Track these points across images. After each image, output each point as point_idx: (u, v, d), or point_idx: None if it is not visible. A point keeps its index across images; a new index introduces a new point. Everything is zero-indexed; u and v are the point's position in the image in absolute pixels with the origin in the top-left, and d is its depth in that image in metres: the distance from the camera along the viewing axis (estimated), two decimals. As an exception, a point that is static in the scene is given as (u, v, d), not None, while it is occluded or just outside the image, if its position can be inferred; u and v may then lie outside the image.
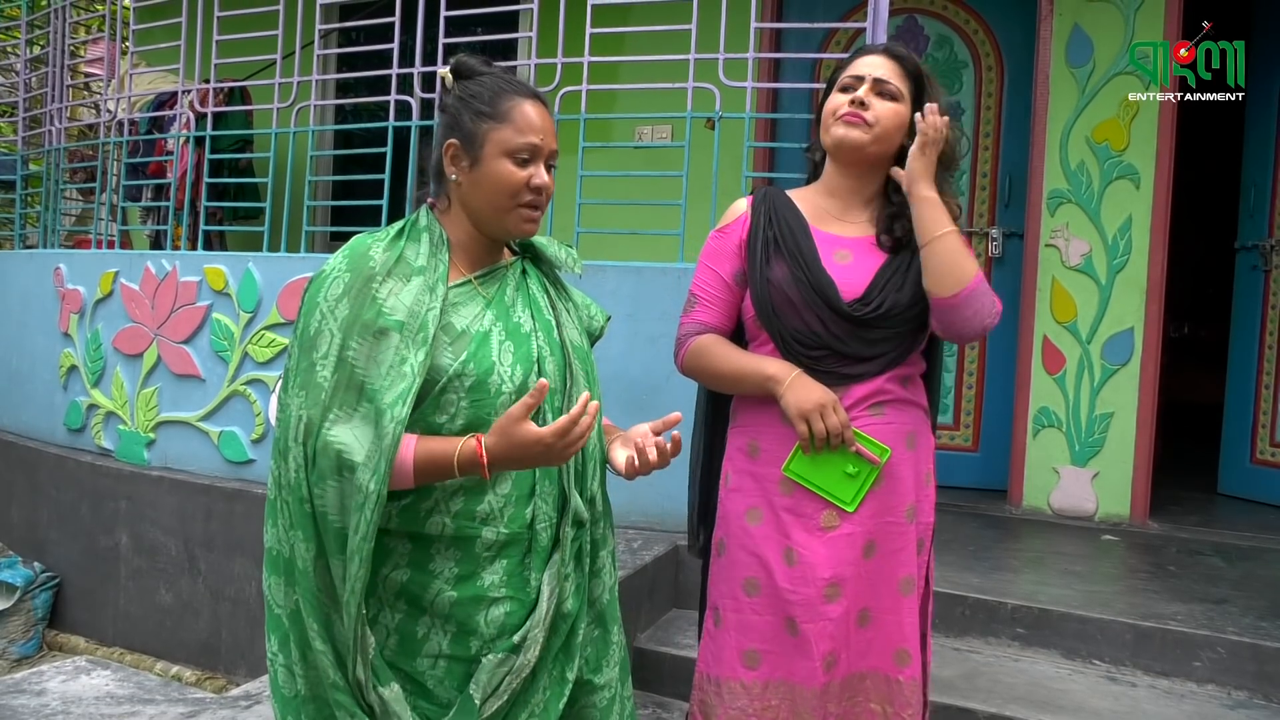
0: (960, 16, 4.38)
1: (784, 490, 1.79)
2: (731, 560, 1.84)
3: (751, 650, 1.79)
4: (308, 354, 1.36)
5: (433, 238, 1.46)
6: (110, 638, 3.81)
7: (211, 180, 4.18)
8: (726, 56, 3.21)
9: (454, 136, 1.47)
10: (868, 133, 1.78)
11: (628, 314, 3.08)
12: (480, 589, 1.42)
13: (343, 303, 1.37)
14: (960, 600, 2.83)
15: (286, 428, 1.36)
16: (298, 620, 1.38)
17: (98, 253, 4.21)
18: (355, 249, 1.43)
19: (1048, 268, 3.97)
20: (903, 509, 1.82)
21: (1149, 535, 3.74)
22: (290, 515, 1.35)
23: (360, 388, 1.33)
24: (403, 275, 1.40)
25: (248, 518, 3.42)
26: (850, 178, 1.85)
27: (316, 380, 1.34)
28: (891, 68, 1.81)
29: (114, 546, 3.79)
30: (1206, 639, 2.58)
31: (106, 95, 4.60)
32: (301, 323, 1.40)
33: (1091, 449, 3.91)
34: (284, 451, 1.36)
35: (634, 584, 2.68)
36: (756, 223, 1.85)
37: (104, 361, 3.95)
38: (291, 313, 3.46)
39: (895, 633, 1.82)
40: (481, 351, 1.42)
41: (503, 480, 1.44)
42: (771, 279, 1.79)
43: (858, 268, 1.79)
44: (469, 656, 1.41)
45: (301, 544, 1.34)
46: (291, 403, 1.36)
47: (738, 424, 1.90)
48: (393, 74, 3.58)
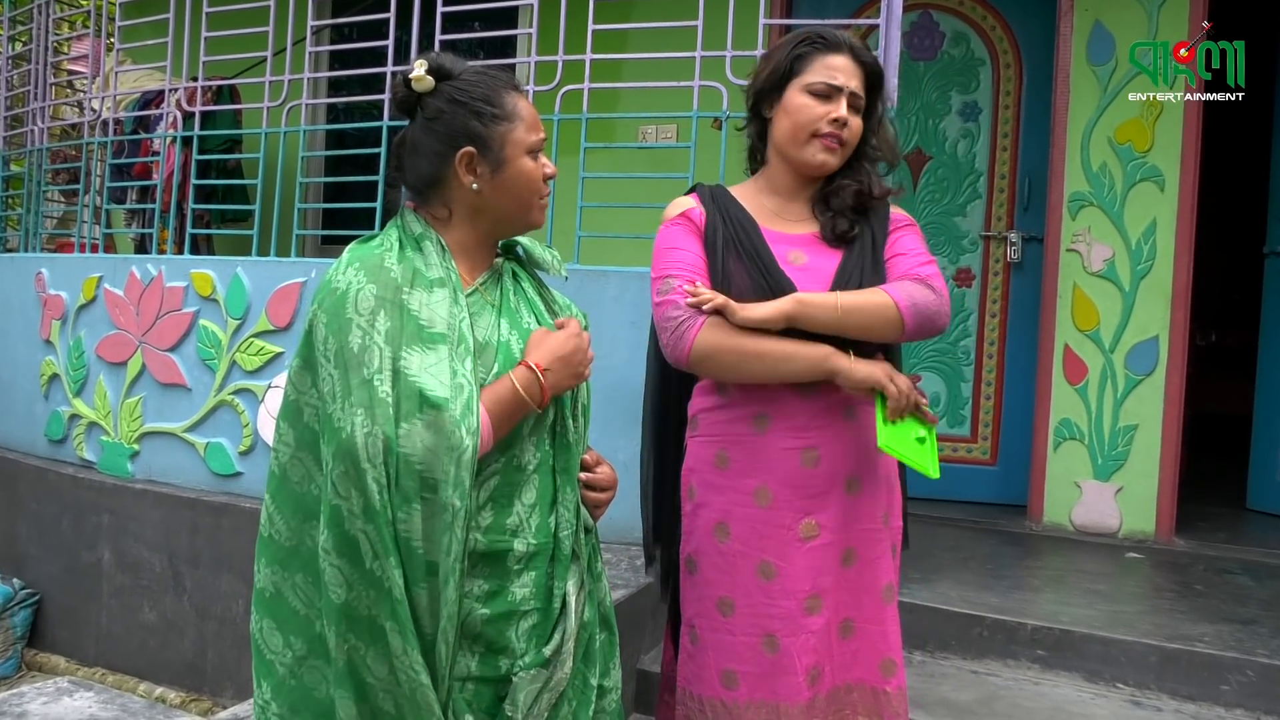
0: (977, 12, 4.40)
1: (759, 501, 1.80)
2: (704, 579, 1.84)
3: (730, 671, 1.80)
4: (357, 371, 1.33)
5: (433, 244, 1.47)
6: (92, 657, 3.81)
7: (199, 182, 4.19)
8: (734, 54, 3.22)
9: (465, 144, 1.46)
10: (841, 155, 1.83)
11: (631, 322, 3.09)
12: (512, 603, 1.43)
13: (379, 316, 1.35)
14: (978, 620, 2.83)
15: (353, 449, 1.30)
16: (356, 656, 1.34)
17: (81, 257, 4.23)
18: (367, 260, 1.41)
19: (1069, 273, 3.98)
20: (878, 514, 1.84)
21: (1175, 553, 3.74)
22: (373, 544, 1.31)
23: (422, 396, 1.32)
24: (424, 286, 1.40)
25: (235, 533, 3.42)
26: (801, 183, 1.88)
27: (379, 396, 1.31)
28: (860, 76, 1.83)
29: (96, 562, 3.79)
30: (1235, 661, 2.58)
31: (91, 93, 4.62)
32: (334, 342, 1.35)
33: (1115, 462, 3.90)
34: (358, 476, 1.30)
35: (636, 603, 2.67)
36: (712, 220, 1.84)
37: (86, 370, 3.97)
38: (281, 319, 3.47)
39: (880, 642, 1.84)
40: (509, 363, 1.45)
41: (527, 489, 1.46)
42: (731, 281, 1.78)
43: (814, 269, 1.80)
44: (498, 676, 1.43)
45: (395, 570, 1.30)
46: (349, 423, 1.31)
47: (701, 432, 1.88)
48: (387, 72, 3.60)
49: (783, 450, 1.79)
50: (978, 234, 4.39)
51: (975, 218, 4.40)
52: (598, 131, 3.79)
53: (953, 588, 3.07)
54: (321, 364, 1.37)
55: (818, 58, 1.82)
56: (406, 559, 1.31)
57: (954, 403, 4.41)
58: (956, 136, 4.42)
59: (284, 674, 1.43)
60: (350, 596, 1.32)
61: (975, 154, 4.41)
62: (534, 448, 1.48)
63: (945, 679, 2.70)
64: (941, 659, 2.82)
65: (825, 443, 1.79)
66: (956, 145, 4.42)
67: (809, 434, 1.79)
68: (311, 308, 1.42)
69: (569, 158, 3.35)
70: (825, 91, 1.80)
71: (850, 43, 1.85)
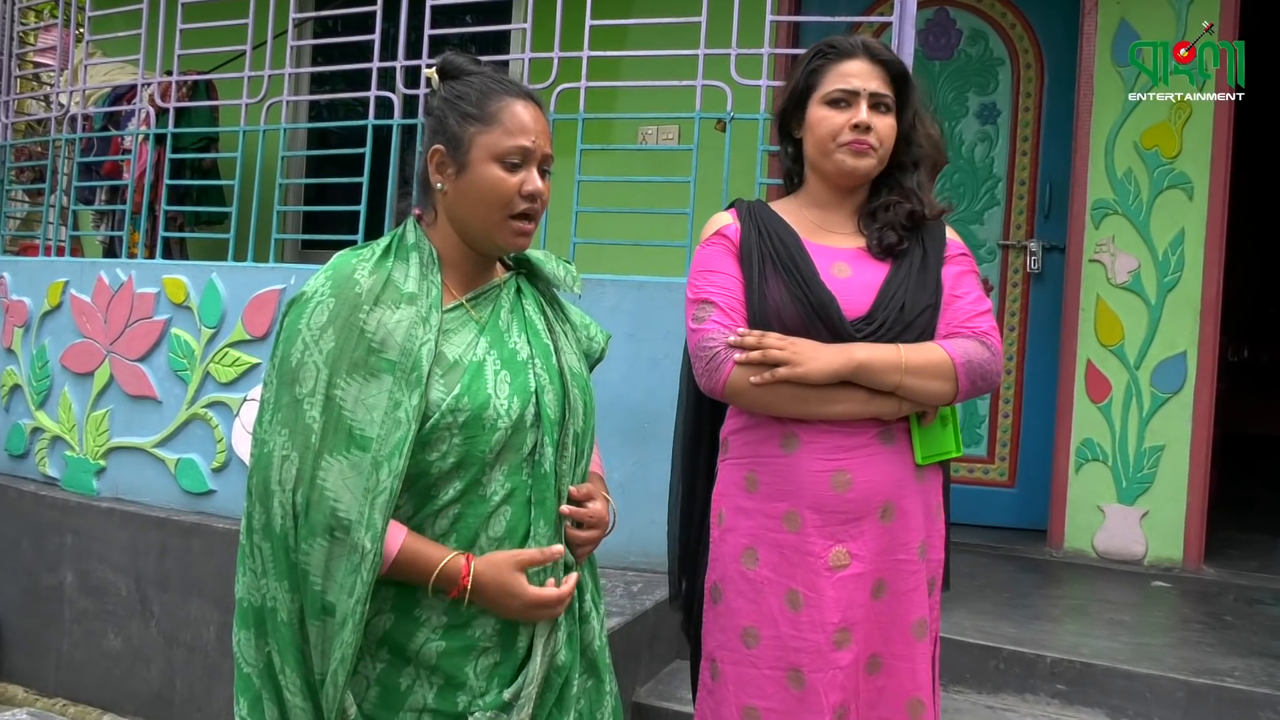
0: (996, 9, 4.42)
1: (789, 526, 1.80)
2: (729, 608, 1.84)
3: (751, 708, 1.79)
4: (289, 388, 1.37)
5: (422, 257, 1.47)
6: (52, 687, 3.79)
7: (172, 182, 4.19)
8: (740, 52, 3.24)
9: (439, 142, 1.48)
10: (875, 157, 1.84)
11: (629, 333, 3.09)
12: (470, 639, 1.43)
13: (327, 333, 1.37)
14: (994, 652, 2.82)
15: (267, 468, 1.36)
16: (270, 676, 1.39)
17: (46, 260, 4.23)
18: (339, 271, 1.43)
19: (1092, 285, 3.99)
20: (914, 545, 1.84)
21: (1204, 581, 3.74)
22: (265, 562, 1.36)
23: (350, 433, 1.34)
24: (391, 302, 1.41)
25: (206, 555, 3.41)
26: (842, 194, 1.91)
27: (304, 421, 1.35)
28: (880, 75, 1.85)
29: (58, 585, 3.78)
30: (1267, 698, 2.57)
31: (58, 87, 4.63)
32: (280, 350, 1.40)
33: (1140, 485, 3.91)
34: (264, 495, 1.36)
35: (633, 632, 2.67)
36: (748, 235, 1.86)
37: (51, 381, 3.96)
38: (258, 328, 3.48)
39: (908, 680, 1.83)
40: (475, 385, 1.43)
41: (494, 521, 1.45)
42: (768, 296, 1.80)
43: (859, 283, 1.82)
44: (456, 713, 1.42)
45: (285, 594, 1.35)
46: (272, 441, 1.36)
47: (731, 456, 1.90)
48: (373, 67, 3.61)
49: (812, 473, 1.79)
50: (996, 243, 4.40)
51: (993, 225, 4.41)
52: (595, 132, 3.80)
53: (968, 617, 3.06)
54: (269, 371, 1.43)
55: (831, 68, 1.86)
56: (303, 591, 1.35)
57: (970, 421, 4.41)
58: (974, 140, 4.44)
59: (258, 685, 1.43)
60: (265, 603, 1.39)
61: (993, 158, 4.42)
62: (504, 477, 1.46)
63: (959, 714, 2.70)
64: (955, 693, 2.82)
65: (857, 466, 1.79)
66: (974, 149, 4.43)
67: (840, 456, 1.79)
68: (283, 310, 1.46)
69: (564, 160, 3.34)
70: (843, 99, 1.84)
71: (866, 44, 1.88)
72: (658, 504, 3.02)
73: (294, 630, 1.35)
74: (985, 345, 1.80)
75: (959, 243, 1.92)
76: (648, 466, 3.03)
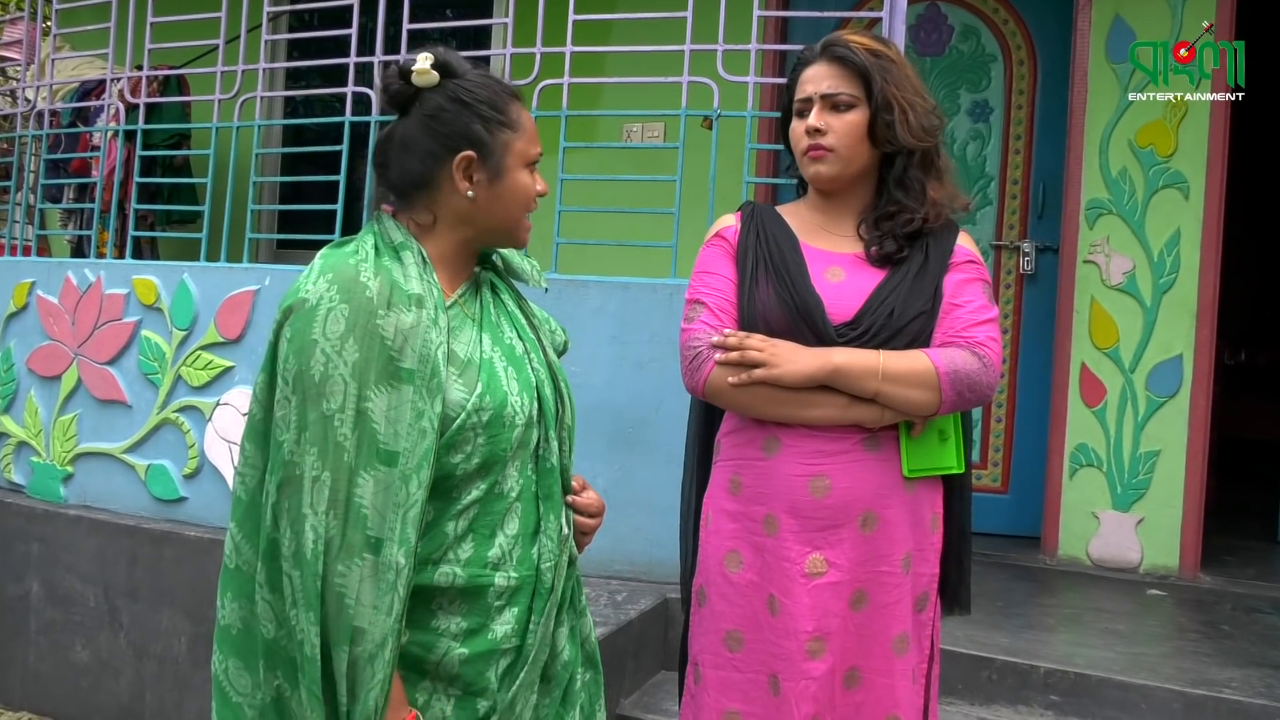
0: (988, 5, 4.44)
1: (767, 530, 1.81)
2: (712, 611, 1.86)
3: (733, 712, 1.81)
4: (315, 404, 1.33)
5: (414, 255, 1.46)
6: (17, 700, 3.76)
7: (143, 180, 4.16)
8: (726, 48, 3.24)
9: (465, 147, 1.47)
10: (835, 160, 1.85)
11: (613, 336, 3.09)
12: (493, 641, 1.44)
13: (349, 343, 1.35)
14: (986, 663, 2.83)
15: (299, 492, 1.33)
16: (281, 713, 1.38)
17: (11, 260, 4.20)
18: (341, 273, 1.39)
19: (1086, 287, 4.00)
20: (897, 557, 1.83)
21: (1200, 590, 3.76)
22: (295, 591, 1.33)
23: (380, 448, 1.34)
24: (401, 304, 1.39)
25: (178, 564, 3.40)
26: (836, 196, 1.93)
27: (335, 439, 1.32)
28: (836, 73, 1.86)
29: (23, 596, 3.76)
30: (1264, 709, 2.58)
31: (24, 82, 4.60)
32: (295, 363, 1.35)
33: (1135, 491, 3.92)
34: (296, 519, 1.33)
35: (617, 642, 2.67)
36: (746, 238, 1.90)
37: (16, 384, 3.93)
38: (231, 331, 3.46)
39: (886, 697, 1.83)
40: (493, 382, 1.46)
41: (510, 519, 1.47)
42: (757, 298, 1.83)
43: (850, 287, 1.83)
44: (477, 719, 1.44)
45: (313, 625, 1.32)
46: (302, 462, 1.33)
47: (721, 458, 1.93)
48: (350, 63, 3.60)
49: (790, 476, 1.81)
50: (988, 243, 4.41)
51: (985, 226, 4.43)
52: (578, 130, 3.80)
53: (959, 626, 3.06)
54: (280, 384, 1.37)
55: (799, 77, 1.92)
56: (335, 616, 1.32)
57: (962, 426, 4.41)
58: (966, 138, 4.45)
59: (253, 717, 1.42)
60: (279, 634, 1.36)
61: (985, 157, 4.44)
62: (516, 473, 1.49)
63: (952, 727, 2.70)
64: (947, 704, 2.82)
65: (837, 471, 1.80)
66: (966, 147, 4.45)
67: (820, 461, 1.80)
68: (277, 317, 1.41)
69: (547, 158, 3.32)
70: (803, 108, 1.89)
71: (827, 43, 1.90)
72: (643, 511, 3.04)
73: (319, 664, 1.33)
74: (977, 356, 1.79)
75: (968, 250, 1.90)
76: (633, 473, 3.03)
